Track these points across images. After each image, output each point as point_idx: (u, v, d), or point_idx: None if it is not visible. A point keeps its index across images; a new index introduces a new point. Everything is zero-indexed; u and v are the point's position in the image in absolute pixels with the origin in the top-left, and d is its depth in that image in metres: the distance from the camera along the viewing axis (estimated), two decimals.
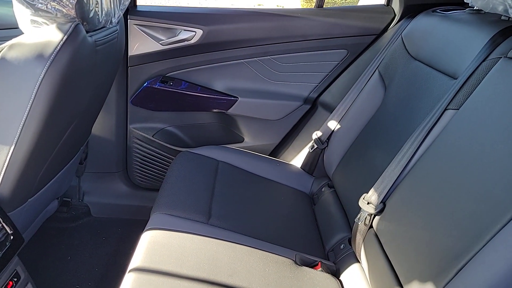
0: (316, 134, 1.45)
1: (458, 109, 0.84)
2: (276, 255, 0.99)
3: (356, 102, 1.36)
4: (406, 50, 1.23)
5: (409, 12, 1.36)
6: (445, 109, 0.87)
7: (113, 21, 1.09)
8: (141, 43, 1.40)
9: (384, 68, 1.30)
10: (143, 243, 0.91)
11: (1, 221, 0.86)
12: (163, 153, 1.60)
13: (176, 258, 0.87)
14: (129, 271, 0.83)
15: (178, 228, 0.97)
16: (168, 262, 0.86)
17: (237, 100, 1.50)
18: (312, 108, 1.56)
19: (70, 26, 0.86)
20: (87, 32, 0.93)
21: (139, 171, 1.63)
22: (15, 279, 0.91)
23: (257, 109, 1.53)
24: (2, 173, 0.86)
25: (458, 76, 0.93)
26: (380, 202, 0.93)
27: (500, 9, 0.93)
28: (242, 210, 1.17)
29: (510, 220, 0.59)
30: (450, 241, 0.69)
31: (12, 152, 0.85)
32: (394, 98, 1.21)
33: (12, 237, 0.87)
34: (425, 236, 0.75)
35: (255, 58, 1.49)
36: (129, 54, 1.42)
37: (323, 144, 1.43)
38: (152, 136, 1.57)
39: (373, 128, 1.26)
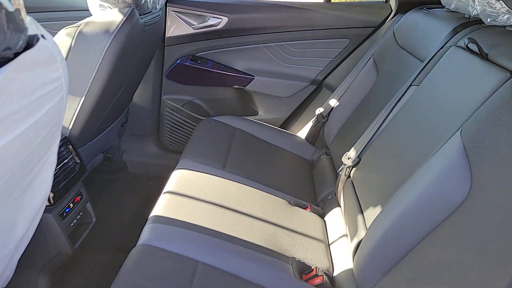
0: (319, 110, 1.71)
1: (418, 85, 1.09)
2: (275, 196, 1.27)
3: (353, 84, 1.61)
4: (396, 40, 1.47)
5: (402, 9, 1.59)
6: (410, 85, 1.12)
7: (157, 7, 1.37)
8: (176, 26, 1.68)
9: (378, 56, 1.54)
10: (174, 177, 1.21)
11: (73, 152, 1.17)
12: (190, 121, 1.89)
13: (197, 188, 1.16)
14: (163, 193, 1.12)
15: (200, 169, 1.26)
16: (191, 190, 1.15)
17: (253, 78, 1.77)
18: (318, 88, 1.81)
19: (128, 10, 1.15)
20: (139, 15, 1.22)
21: (168, 136, 1.93)
22: (80, 197, 1.23)
23: (270, 87, 1.80)
24: (74, 117, 1.17)
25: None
26: (357, 157, 1.19)
27: (467, 9, 1.16)
28: (252, 165, 1.44)
29: (426, 161, 0.84)
30: (394, 178, 0.94)
31: (82, 102, 1.16)
32: (382, 81, 1.46)
33: (79, 165, 1.19)
34: (380, 177, 1.01)
35: (270, 43, 1.75)
36: (166, 35, 1.70)
37: (324, 118, 1.69)
38: (181, 106, 1.86)
39: (365, 105, 1.50)
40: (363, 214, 1.04)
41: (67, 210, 1.15)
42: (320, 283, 0.98)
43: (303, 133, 1.81)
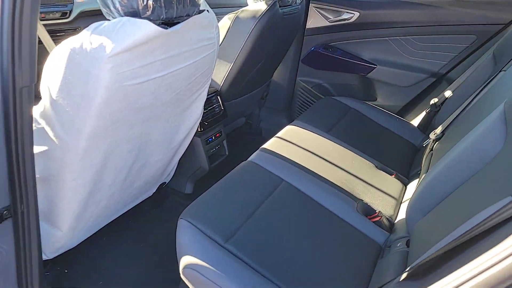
0: (433, 100, 1.81)
1: (505, 71, 1.17)
2: (364, 159, 1.50)
3: (470, 77, 1.67)
4: None
5: None
6: (500, 71, 1.21)
7: (297, 1, 1.76)
8: (315, 19, 2.04)
9: (498, 50, 1.57)
10: (285, 129, 1.58)
11: (220, 102, 1.66)
12: (316, 101, 2.23)
13: (299, 138, 1.50)
14: (273, 137, 1.50)
15: (306, 128, 1.59)
16: (294, 138, 1.49)
17: (375, 67, 1.99)
18: (437, 81, 1.91)
19: (271, 2, 1.57)
20: (280, 6, 1.62)
21: (298, 112, 2.32)
22: (220, 134, 1.72)
23: (391, 76, 1.98)
24: (224, 77, 1.66)
25: None
26: (441, 132, 1.33)
27: None
28: (355, 136, 1.68)
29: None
30: (455, 143, 1.09)
31: (230, 68, 1.63)
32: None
33: (222, 111, 1.67)
34: (448, 146, 1.16)
35: (397, 37, 1.94)
36: (306, 27, 2.08)
37: (437, 108, 1.79)
38: (311, 88, 2.22)
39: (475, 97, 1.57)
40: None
41: (210, 140, 1.65)
42: (378, 220, 1.20)
43: (416, 121, 1.93)
